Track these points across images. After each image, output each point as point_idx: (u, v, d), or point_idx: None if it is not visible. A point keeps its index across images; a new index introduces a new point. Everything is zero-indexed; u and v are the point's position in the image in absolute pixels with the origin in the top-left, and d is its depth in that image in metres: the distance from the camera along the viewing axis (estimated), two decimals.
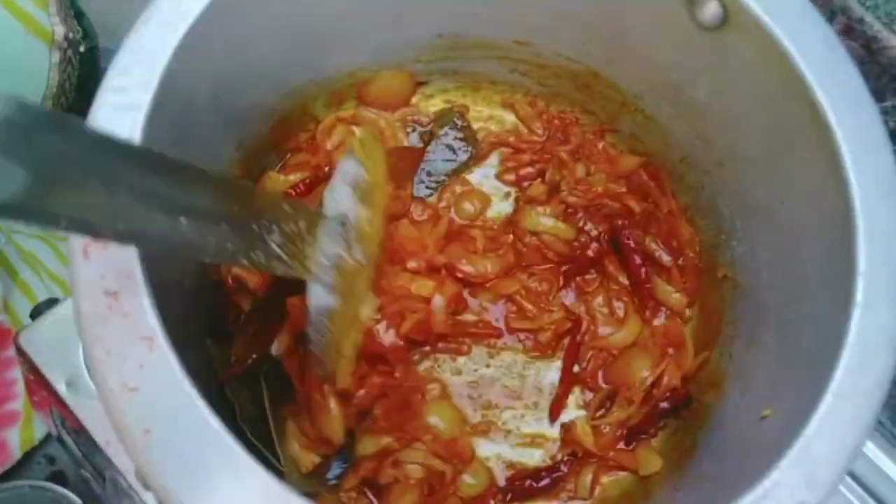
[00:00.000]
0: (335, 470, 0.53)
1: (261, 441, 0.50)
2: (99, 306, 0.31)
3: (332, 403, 0.50)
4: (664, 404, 0.55)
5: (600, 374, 0.57)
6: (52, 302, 0.66)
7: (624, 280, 0.59)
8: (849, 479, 0.63)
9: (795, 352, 0.43)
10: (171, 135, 0.39)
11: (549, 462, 0.55)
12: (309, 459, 0.53)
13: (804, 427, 0.33)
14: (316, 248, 0.41)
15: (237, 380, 0.53)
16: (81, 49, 0.63)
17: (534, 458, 0.55)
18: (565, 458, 0.55)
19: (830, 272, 0.39)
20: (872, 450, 0.65)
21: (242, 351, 0.52)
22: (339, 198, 0.43)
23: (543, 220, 0.59)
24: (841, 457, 0.32)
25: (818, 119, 0.38)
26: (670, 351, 0.57)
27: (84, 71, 0.64)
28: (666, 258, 0.59)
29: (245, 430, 0.49)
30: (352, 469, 0.53)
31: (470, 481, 0.54)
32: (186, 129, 0.42)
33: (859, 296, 0.35)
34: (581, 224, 0.59)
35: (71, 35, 0.61)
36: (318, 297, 0.42)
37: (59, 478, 0.83)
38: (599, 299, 0.59)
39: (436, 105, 0.64)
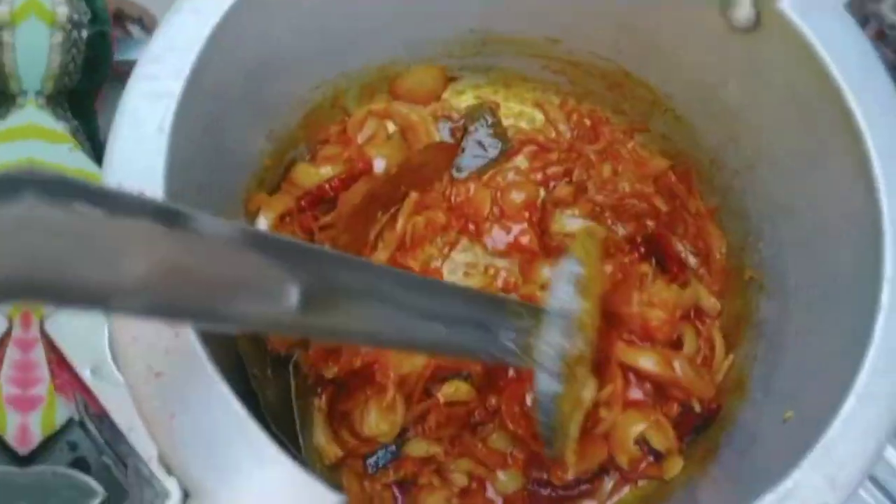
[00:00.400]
0: (380, 460, 0.54)
1: (282, 430, 0.51)
2: None
3: (399, 409, 0.53)
4: (697, 420, 0.54)
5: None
6: None
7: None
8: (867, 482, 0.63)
9: (819, 354, 0.42)
10: (203, 123, 0.40)
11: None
12: (333, 452, 0.54)
13: (827, 428, 0.32)
14: (541, 340, 0.45)
15: (264, 373, 0.54)
16: (88, 32, 0.62)
17: None
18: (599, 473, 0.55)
19: (857, 276, 0.39)
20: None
21: (280, 341, 0.53)
22: (562, 296, 0.48)
23: (570, 221, 0.58)
24: (863, 459, 0.32)
25: (849, 124, 0.38)
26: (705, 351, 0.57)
27: (92, 53, 0.64)
28: (692, 260, 0.58)
29: (267, 419, 0.49)
30: (394, 464, 0.54)
31: (503, 479, 0.55)
32: (218, 118, 0.42)
33: (885, 300, 0.34)
34: (609, 224, 0.59)
35: (76, 16, 0.61)
36: (545, 384, 0.46)
37: (80, 464, 0.84)
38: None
39: (467, 101, 0.64)
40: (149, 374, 0.30)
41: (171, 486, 0.42)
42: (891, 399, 0.33)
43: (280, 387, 0.54)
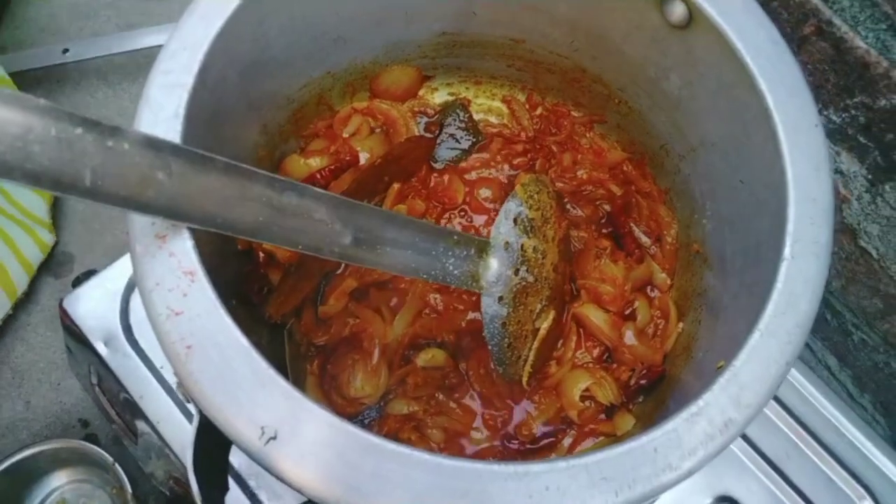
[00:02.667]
0: (365, 418, 0.60)
1: None
2: (150, 247, 0.38)
3: (383, 373, 0.60)
4: (642, 381, 0.60)
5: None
6: (90, 273, 0.73)
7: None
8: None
9: (747, 310, 0.48)
10: (208, 115, 0.46)
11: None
12: None
13: (735, 358, 0.39)
14: (486, 268, 0.52)
15: (261, 339, 0.60)
16: None
17: None
18: (559, 427, 0.61)
19: (773, 240, 0.45)
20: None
21: (276, 309, 0.59)
22: (502, 230, 0.54)
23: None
24: (765, 384, 0.38)
25: (762, 106, 0.44)
26: (659, 320, 0.63)
27: None
28: (645, 240, 0.65)
29: None
30: (378, 422, 0.60)
31: (478, 437, 0.61)
32: (219, 112, 0.48)
33: (787, 252, 0.41)
34: (569, 208, 0.66)
35: None
36: (489, 306, 0.54)
37: (92, 440, 0.90)
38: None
39: (441, 97, 0.70)
40: (169, 314, 0.36)
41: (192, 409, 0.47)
42: (790, 334, 0.39)
43: (275, 352, 0.60)
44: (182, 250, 0.37)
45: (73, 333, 0.70)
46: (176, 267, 0.37)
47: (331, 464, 0.35)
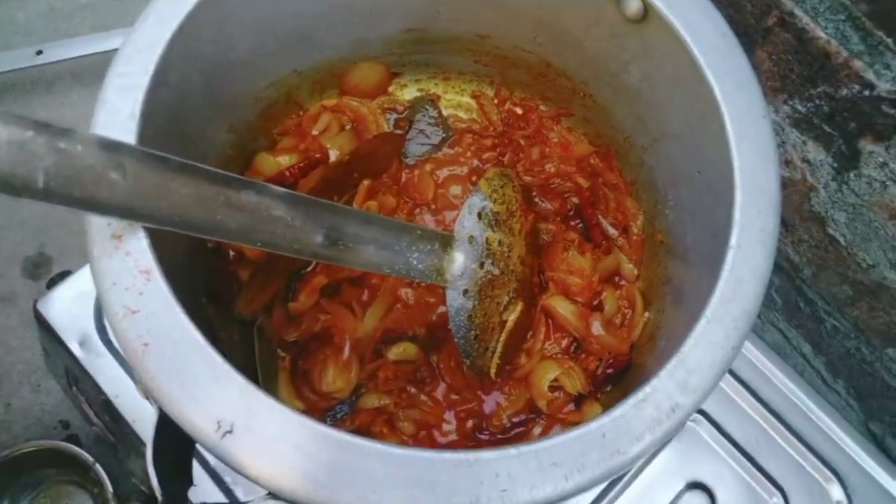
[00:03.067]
0: (337, 413, 0.61)
1: None
2: (106, 247, 0.38)
3: (354, 368, 0.61)
4: (609, 370, 0.62)
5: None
6: (65, 274, 0.74)
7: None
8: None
9: (706, 298, 0.49)
10: (168, 115, 0.46)
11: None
12: (296, 407, 0.60)
13: (682, 345, 0.40)
14: (450, 262, 0.53)
15: (231, 336, 0.61)
16: None
17: None
18: (529, 416, 0.62)
19: (727, 228, 0.46)
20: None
21: (245, 307, 0.60)
22: (466, 224, 0.55)
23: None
24: (711, 369, 0.39)
25: (711, 96, 0.45)
26: (626, 310, 0.64)
27: None
28: (612, 231, 0.66)
29: None
30: (350, 416, 0.61)
31: (449, 428, 0.62)
32: (182, 112, 0.49)
33: (734, 240, 0.42)
34: (538, 201, 0.67)
35: None
36: (454, 299, 0.54)
37: (73, 440, 0.90)
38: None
39: (410, 94, 0.71)
40: (126, 312, 0.37)
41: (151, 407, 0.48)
42: (736, 320, 0.40)
43: (245, 348, 0.60)
44: (138, 249, 0.38)
45: (49, 334, 0.71)
46: (132, 266, 0.38)
47: (286, 455, 0.36)
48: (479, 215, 0.56)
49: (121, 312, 0.37)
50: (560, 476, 0.36)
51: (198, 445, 0.38)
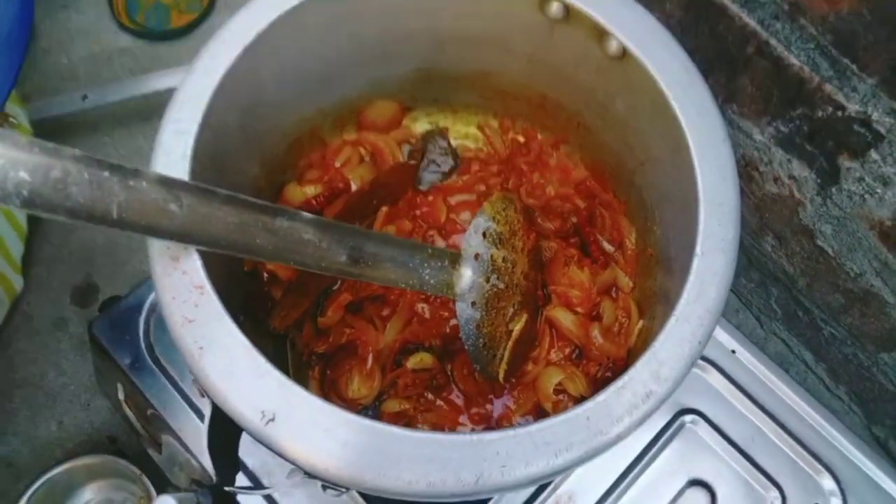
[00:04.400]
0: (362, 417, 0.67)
1: None
2: (167, 267, 0.45)
3: (376, 376, 0.67)
4: (608, 374, 0.67)
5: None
6: (114, 298, 0.81)
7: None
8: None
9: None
10: (211, 155, 0.54)
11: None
12: None
13: (655, 340, 0.46)
14: (458, 277, 0.59)
15: (266, 350, 0.67)
16: None
17: None
18: (536, 418, 0.68)
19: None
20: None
21: (279, 323, 0.67)
22: (472, 242, 0.61)
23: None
24: (680, 360, 0.45)
25: (679, 125, 0.52)
26: (623, 319, 0.70)
27: None
28: (609, 247, 0.72)
29: None
30: (373, 419, 0.67)
31: (463, 430, 0.68)
32: (221, 151, 0.56)
33: (698, 248, 0.48)
34: (540, 221, 0.73)
35: None
36: (463, 310, 0.60)
37: (119, 454, 0.97)
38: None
39: (422, 126, 0.78)
40: (184, 321, 0.44)
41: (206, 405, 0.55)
42: (701, 318, 0.47)
43: (280, 362, 0.67)
44: (193, 269, 0.45)
45: (101, 354, 0.78)
46: (188, 283, 0.45)
47: (319, 439, 0.42)
48: (484, 234, 0.62)
49: (180, 321, 0.44)
50: (551, 453, 0.42)
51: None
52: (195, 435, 0.74)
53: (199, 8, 1.29)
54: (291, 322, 0.67)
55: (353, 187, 0.74)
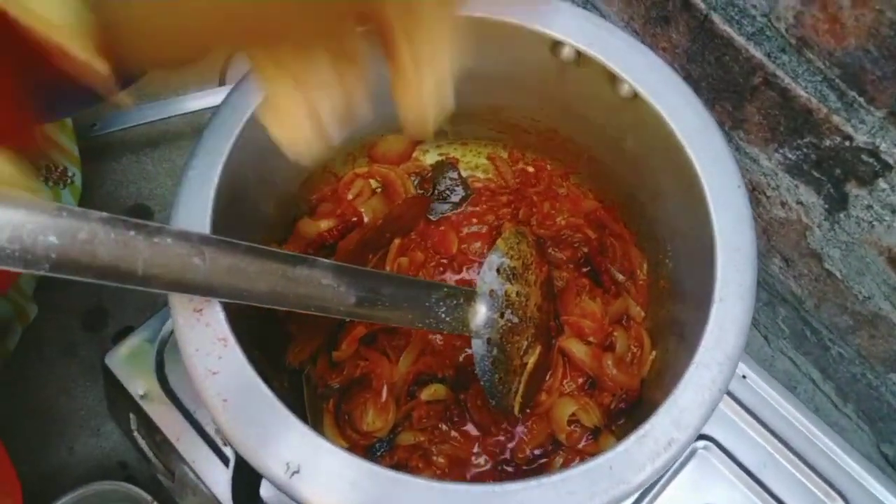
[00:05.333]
0: (377, 450, 0.68)
1: None
2: (189, 319, 0.46)
3: (391, 409, 0.68)
4: (622, 405, 0.68)
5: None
6: (128, 329, 0.82)
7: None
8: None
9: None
10: (230, 197, 0.54)
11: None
12: (340, 446, 0.67)
13: (675, 387, 0.46)
14: (473, 314, 0.59)
15: (282, 385, 0.68)
16: None
17: None
18: (550, 448, 0.69)
19: (714, 281, 0.53)
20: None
21: (294, 357, 0.68)
22: (486, 279, 0.62)
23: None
24: (701, 407, 0.46)
25: (691, 170, 0.53)
26: (635, 349, 0.71)
27: None
28: (620, 277, 0.73)
29: None
30: (388, 452, 0.68)
31: (478, 461, 0.68)
32: (239, 193, 0.57)
33: (716, 294, 0.48)
34: (551, 251, 0.74)
35: None
36: (479, 347, 0.61)
37: (130, 480, 0.98)
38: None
39: (432, 158, 0.79)
40: (207, 374, 0.44)
41: (228, 452, 0.55)
42: (721, 365, 0.47)
43: (295, 395, 0.68)
44: (216, 321, 0.46)
45: (114, 385, 0.79)
46: (212, 335, 0.45)
47: (344, 491, 0.43)
48: (498, 271, 0.63)
49: (203, 374, 0.44)
50: (574, 503, 0.42)
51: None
52: (208, 465, 0.74)
53: None
54: (307, 357, 0.68)
55: (366, 219, 0.74)
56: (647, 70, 0.55)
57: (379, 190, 0.77)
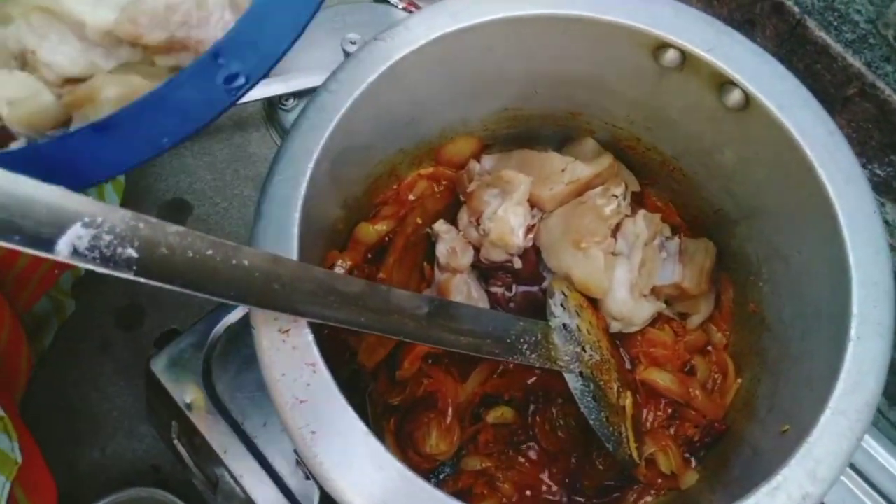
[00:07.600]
0: (441, 475, 0.65)
1: None
2: (274, 341, 0.42)
3: (456, 431, 0.64)
4: (707, 439, 0.63)
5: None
6: (173, 333, 0.78)
7: None
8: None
9: (809, 377, 0.51)
10: (309, 207, 0.50)
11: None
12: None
13: (809, 435, 0.42)
14: (556, 348, 0.56)
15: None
16: None
17: None
18: (622, 482, 0.64)
19: (833, 312, 0.48)
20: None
21: (367, 357, 0.63)
22: (556, 314, 0.59)
23: None
24: (838, 458, 0.41)
25: (821, 192, 0.48)
26: (716, 375, 0.66)
27: None
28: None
29: None
30: (452, 478, 0.64)
31: (546, 489, 0.64)
32: (314, 198, 0.53)
33: (853, 333, 0.44)
34: None
35: None
36: (574, 381, 0.58)
37: (163, 484, 0.94)
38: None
39: None
40: (294, 402, 0.40)
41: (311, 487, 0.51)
42: (859, 412, 0.43)
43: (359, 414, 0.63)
44: (304, 344, 0.42)
45: (157, 391, 0.74)
46: (299, 359, 0.41)
47: None
48: (563, 306, 0.59)
49: (290, 402, 0.40)
50: None
51: None
52: (256, 480, 0.70)
53: None
54: (380, 358, 0.63)
55: (419, 221, 0.70)
56: (771, 79, 0.50)
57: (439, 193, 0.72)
